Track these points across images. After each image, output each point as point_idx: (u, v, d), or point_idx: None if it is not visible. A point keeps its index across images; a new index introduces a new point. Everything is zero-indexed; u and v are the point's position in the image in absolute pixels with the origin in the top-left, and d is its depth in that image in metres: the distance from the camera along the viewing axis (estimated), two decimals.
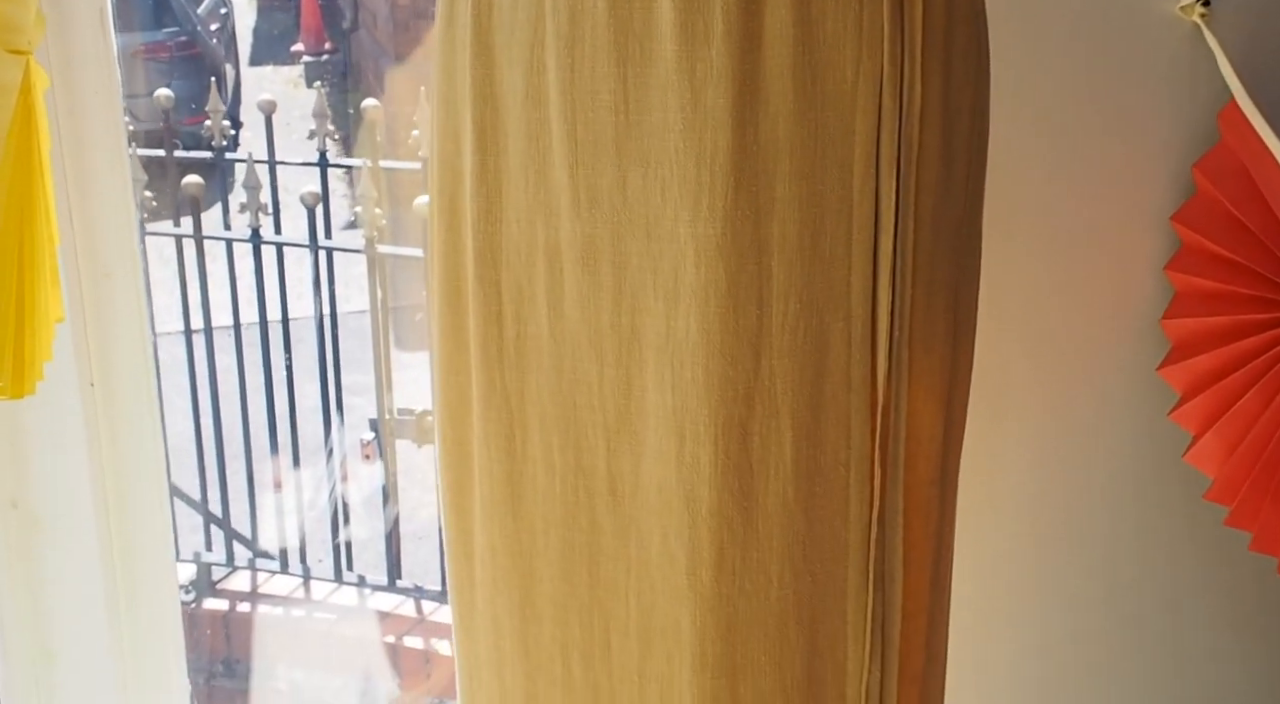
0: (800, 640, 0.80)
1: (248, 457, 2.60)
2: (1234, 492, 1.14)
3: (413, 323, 2.74)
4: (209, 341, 2.54)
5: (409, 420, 2.59)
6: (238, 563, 2.44)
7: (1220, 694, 1.32)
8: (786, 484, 0.77)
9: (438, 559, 2.57)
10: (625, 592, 0.82)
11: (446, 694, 2.21)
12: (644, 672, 0.82)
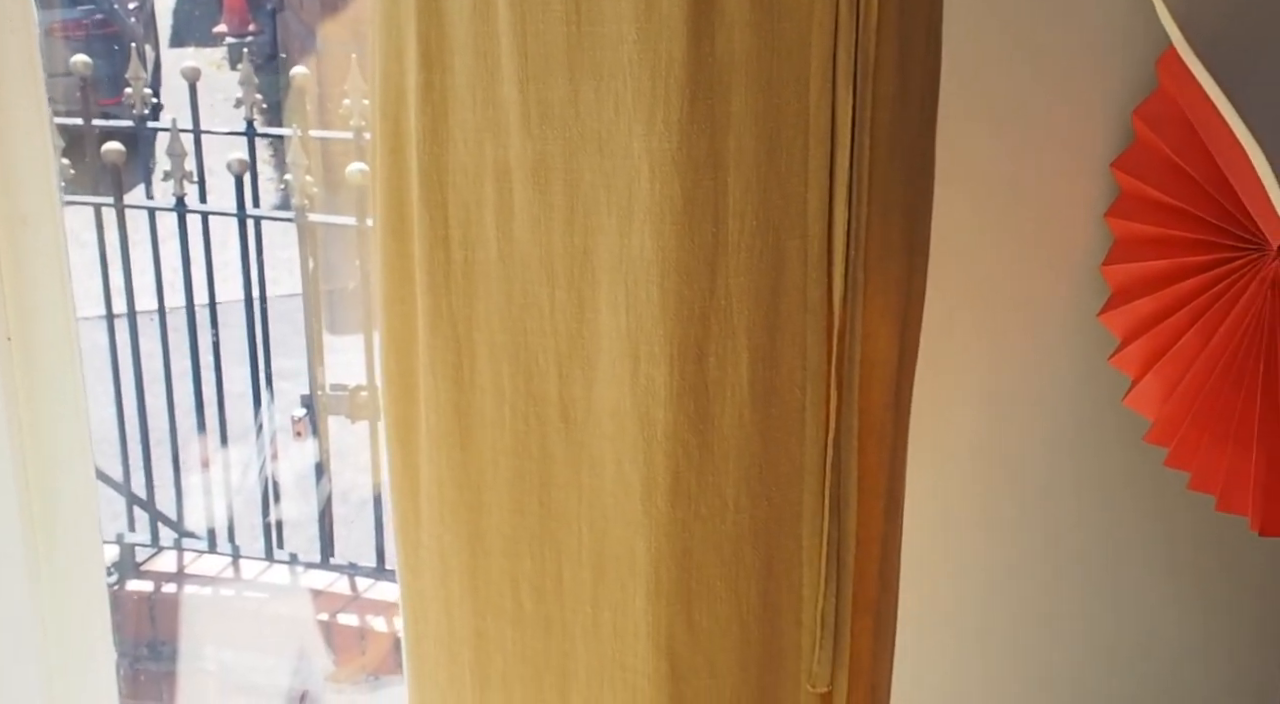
0: (756, 565, 0.79)
1: (172, 436, 2.54)
2: (1173, 433, 1.16)
3: (344, 305, 2.70)
4: (132, 320, 2.48)
5: (342, 396, 2.55)
6: (163, 543, 2.39)
7: (1156, 632, 1.34)
8: (743, 406, 0.76)
9: (372, 536, 2.54)
10: (578, 521, 0.80)
11: (382, 670, 2.18)
12: (597, 601, 0.80)
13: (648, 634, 0.79)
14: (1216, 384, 1.12)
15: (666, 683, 0.79)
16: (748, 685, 0.80)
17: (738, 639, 0.80)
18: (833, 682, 0.83)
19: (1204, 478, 1.15)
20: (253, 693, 2.23)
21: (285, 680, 2.22)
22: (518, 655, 0.84)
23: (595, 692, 0.81)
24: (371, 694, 2.16)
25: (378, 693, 2.16)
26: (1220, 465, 1.13)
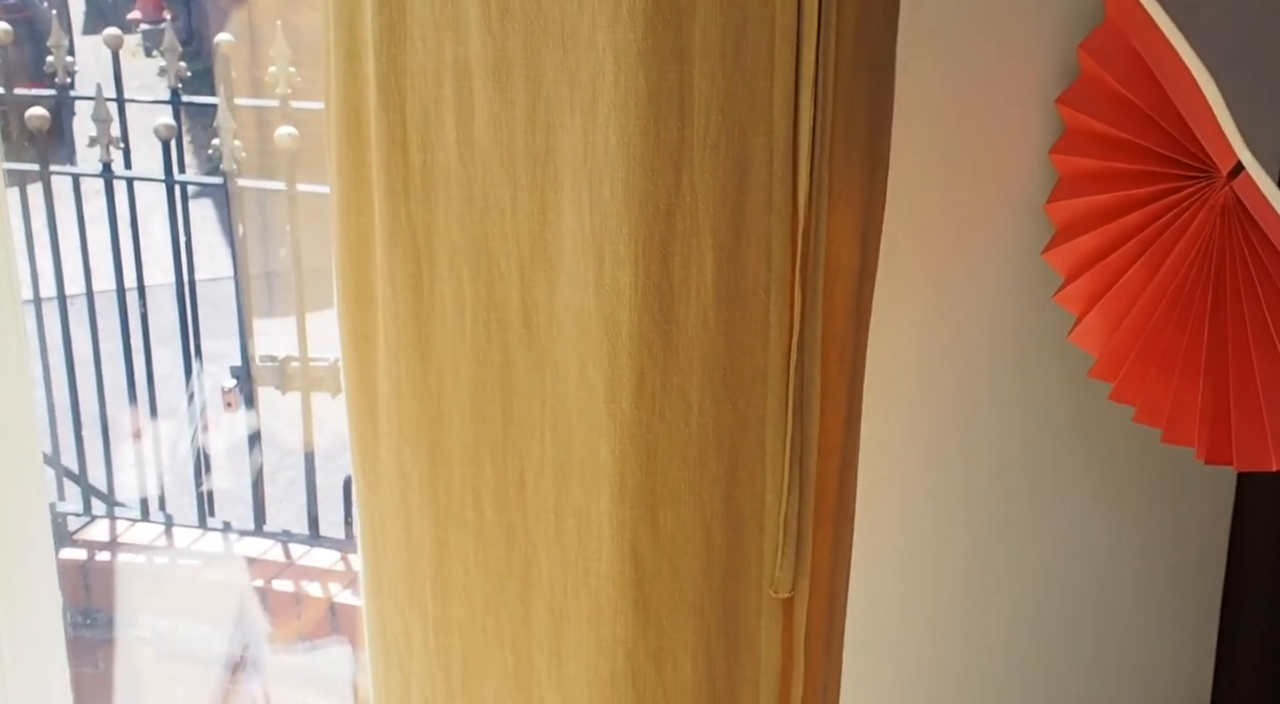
0: (720, 470, 0.79)
1: (101, 406, 2.50)
2: (1117, 367, 1.17)
3: (274, 286, 2.66)
4: (60, 291, 2.43)
5: (273, 367, 2.52)
6: (96, 513, 2.34)
7: (1103, 568, 1.36)
8: (707, 307, 0.76)
9: (304, 504, 2.51)
10: (541, 427, 0.80)
11: (318, 635, 2.15)
12: (560, 508, 0.80)
13: (612, 538, 0.78)
14: (1163, 317, 1.14)
15: (630, 587, 0.79)
16: (711, 590, 0.80)
17: (701, 543, 0.79)
18: (794, 588, 0.83)
19: (1149, 411, 1.17)
20: (188, 660, 2.19)
21: (221, 647, 2.19)
22: (479, 565, 0.83)
23: (559, 598, 0.81)
24: (308, 655, 2.14)
25: (314, 654, 2.14)
26: (1166, 398, 1.15)
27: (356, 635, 2.16)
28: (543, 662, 0.83)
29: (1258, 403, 1.08)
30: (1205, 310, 1.10)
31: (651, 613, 0.80)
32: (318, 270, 2.44)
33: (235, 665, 2.16)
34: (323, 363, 2.51)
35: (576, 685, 0.82)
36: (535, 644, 0.83)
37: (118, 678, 2.23)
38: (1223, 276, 1.09)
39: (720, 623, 0.81)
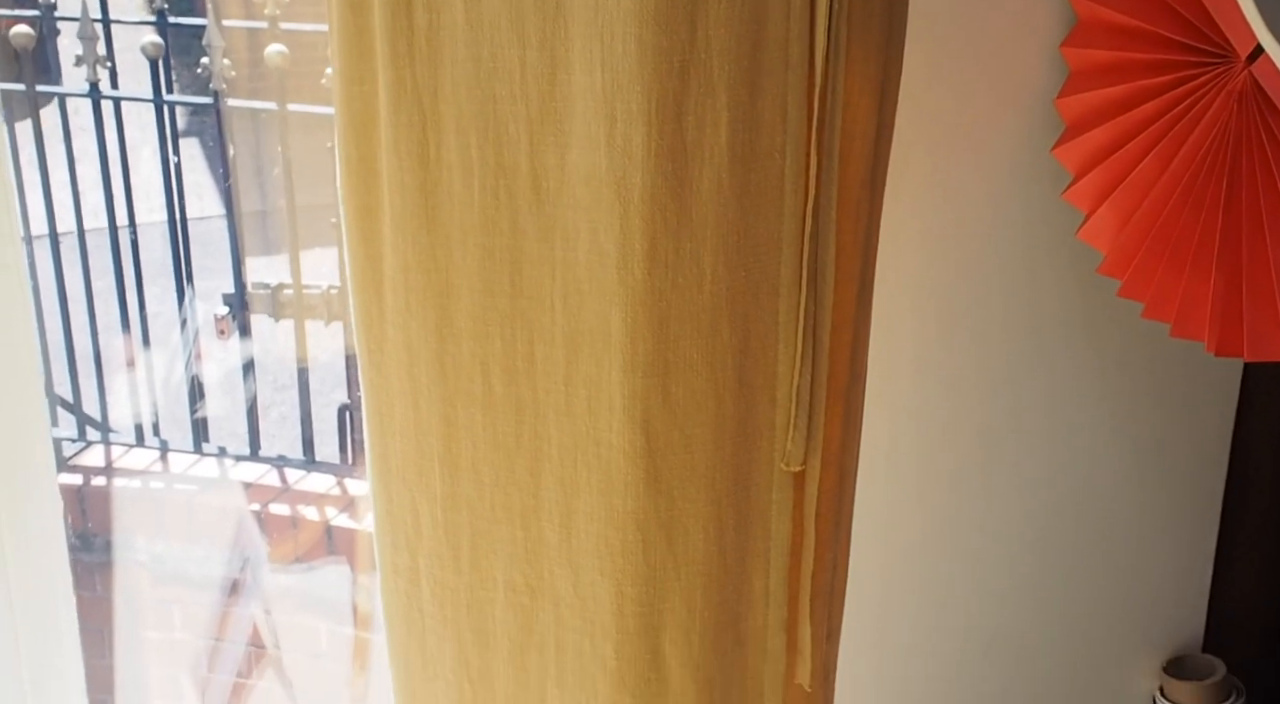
0: (732, 339, 0.78)
1: (93, 336, 2.48)
2: (1127, 263, 1.16)
3: (265, 224, 2.64)
4: (50, 217, 2.40)
5: (266, 294, 2.50)
6: (91, 438, 2.33)
7: (1105, 467, 1.36)
8: (721, 170, 0.75)
9: (299, 431, 2.50)
10: (550, 297, 0.78)
11: (314, 557, 2.15)
12: (570, 379, 0.79)
13: (623, 408, 0.77)
14: (1175, 209, 1.12)
15: (641, 458, 0.78)
16: (722, 462, 0.80)
17: (713, 414, 0.78)
18: (805, 462, 0.82)
19: (1159, 306, 1.16)
20: (186, 583, 2.19)
21: (218, 570, 2.19)
22: (488, 441, 0.82)
23: (569, 471, 0.80)
24: (306, 576, 2.14)
25: (312, 575, 2.14)
26: (1176, 291, 1.14)
27: (355, 556, 2.16)
28: (552, 536, 0.82)
29: (1271, 292, 1.07)
30: (1219, 200, 1.09)
31: (662, 484, 0.79)
32: (309, 207, 2.42)
33: (232, 588, 2.16)
34: (316, 290, 2.49)
35: (586, 558, 0.81)
36: (545, 518, 0.82)
37: (116, 601, 2.23)
38: (1238, 164, 1.08)
39: (731, 495, 0.81)
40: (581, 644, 0.83)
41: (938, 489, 1.31)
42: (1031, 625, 1.41)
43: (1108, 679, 1.47)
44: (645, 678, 0.82)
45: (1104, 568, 1.42)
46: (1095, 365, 1.32)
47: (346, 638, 2.24)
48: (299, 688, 2.16)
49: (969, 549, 1.35)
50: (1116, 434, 1.35)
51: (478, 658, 0.88)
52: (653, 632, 0.81)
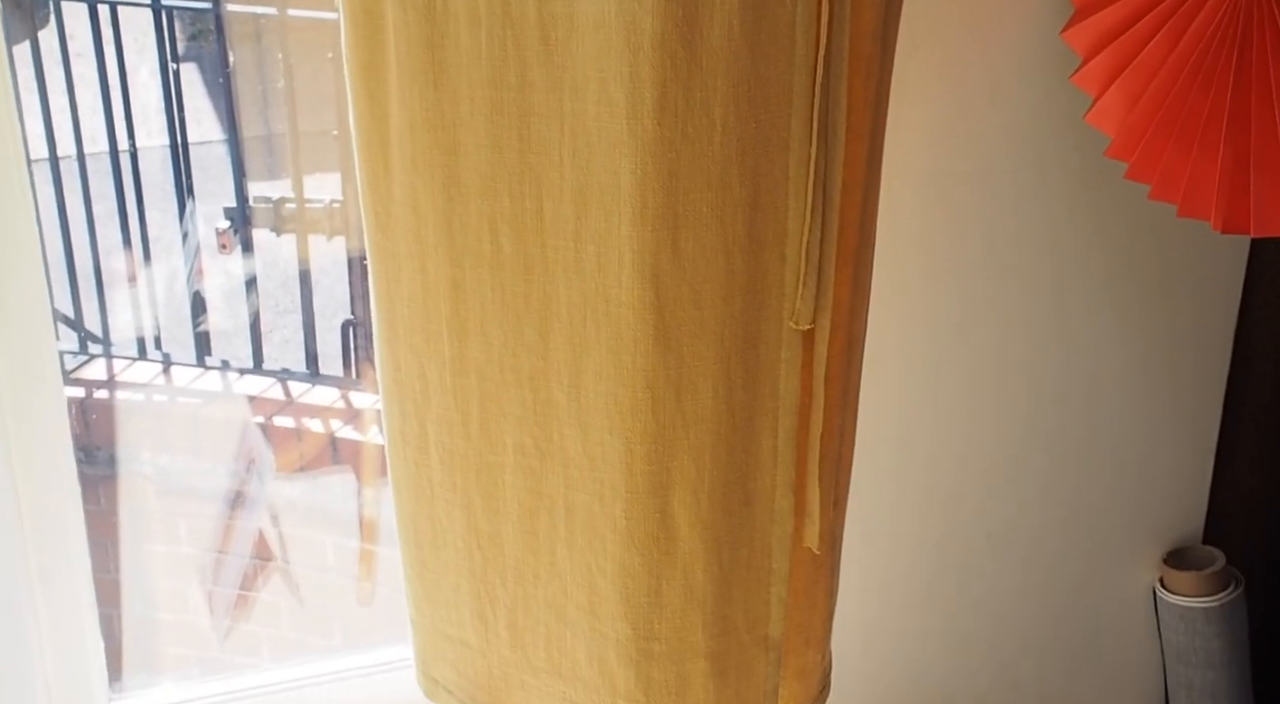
0: (742, 193, 0.77)
1: (94, 251, 2.47)
2: (1134, 144, 1.16)
3: (270, 148, 2.62)
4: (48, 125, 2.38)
5: (267, 208, 2.49)
6: (93, 352, 2.33)
7: (1109, 354, 1.36)
8: (732, 16, 0.74)
9: (302, 344, 2.50)
10: (559, 150, 0.78)
11: (319, 466, 2.16)
12: (580, 235, 0.78)
13: (632, 262, 0.77)
14: (1183, 88, 1.11)
15: (651, 313, 0.78)
16: (731, 318, 0.79)
17: (723, 269, 0.78)
18: (814, 321, 0.82)
19: (1166, 186, 1.15)
20: (191, 495, 2.20)
21: (223, 482, 2.19)
22: (497, 301, 0.82)
23: (578, 329, 0.80)
24: (311, 487, 2.15)
25: (317, 485, 2.15)
26: (1182, 172, 1.14)
27: (360, 467, 2.17)
28: (561, 396, 0.82)
29: (1279, 166, 1.07)
30: (1228, 77, 1.08)
31: (672, 341, 0.79)
32: (312, 134, 2.41)
33: (238, 499, 2.17)
34: (318, 205, 2.48)
35: (595, 417, 0.81)
36: (554, 378, 0.82)
37: (121, 515, 2.24)
38: (1249, 40, 1.07)
39: (740, 353, 0.81)
40: (591, 505, 0.83)
41: (944, 381, 1.31)
42: (1036, 517, 1.42)
43: (1110, 571, 1.48)
44: (654, 537, 0.82)
45: (1108, 461, 1.42)
46: (1101, 255, 1.32)
47: (353, 551, 2.26)
48: (306, 599, 2.18)
49: (974, 440, 1.35)
50: (1121, 325, 1.35)
51: (487, 523, 0.88)
52: (661, 491, 0.81)
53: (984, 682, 1.46)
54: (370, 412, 2.30)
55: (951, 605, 1.41)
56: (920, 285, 1.26)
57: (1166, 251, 1.34)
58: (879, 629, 1.38)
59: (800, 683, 0.95)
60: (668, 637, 0.84)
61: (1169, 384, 1.42)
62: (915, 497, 1.35)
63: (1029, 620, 1.46)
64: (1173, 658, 1.50)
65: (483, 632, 0.91)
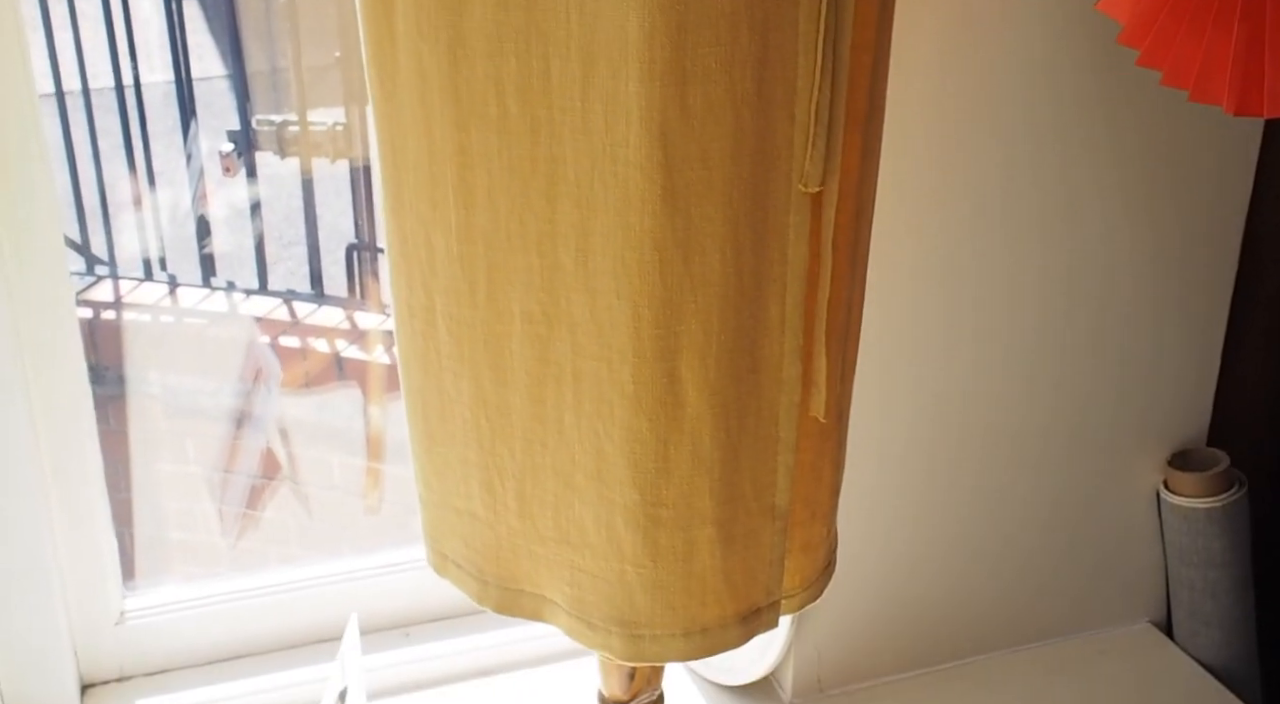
0: (752, 48, 0.77)
1: (99, 178, 2.47)
2: (1147, 30, 1.14)
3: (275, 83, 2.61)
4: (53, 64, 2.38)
5: (270, 130, 2.48)
6: (99, 273, 2.33)
7: (1118, 250, 1.36)
8: None
9: (306, 267, 2.51)
10: (565, 6, 0.77)
11: (324, 382, 2.17)
12: (587, 94, 0.78)
13: (640, 120, 0.76)
14: None
15: (659, 172, 0.77)
16: (740, 179, 0.79)
17: (731, 127, 0.78)
18: (824, 183, 0.82)
19: (1178, 72, 1.14)
20: (198, 415, 2.21)
21: (230, 401, 2.20)
22: (503, 166, 0.82)
23: (585, 191, 0.80)
24: (318, 404, 2.16)
25: (324, 402, 2.16)
26: (1195, 56, 1.13)
27: (366, 383, 2.18)
28: (569, 261, 0.82)
29: None
30: None
31: (680, 201, 0.78)
32: (315, 68, 2.39)
33: (245, 417, 2.18)
34: (321, 127, 2.47)
35: (603, 281, 0.81)
36: (561, 243, 0.82)
37: (131, 434, 2.25)
38: None
39: (749, 215, 0.80)
40: (599, 370, 0.83)
41: (950, 275, 1.31)
42: (1041, 418, 1.42)
43: (1115, 472, 1.49)
44: (662, 401, 0.82)
45: (1116, 362, 1.43)
46: (1111, 149, 1.31)
47: (359, 469, 2.27)
48: (314, 516, 2.19)
49: (979, 338, 1.35)
50: (1130, 221, 1.34)
51: (495, 393, 0.88)
52: (669, 355, 0.82)
53: (985, 580, 1.48)
54: (376, 332, 2.30)
55: (958, 502, 1.42)
56: (929, 179, 1.25)
57: (1176, 145, 1.34)
58: (885, 524, 1.39)
59: (806, 557, 0.96)
60: (675, 503, 0.85)
61: (1177, 283, 1.41)
62: (926, 393, 1.35)
63: (1034, 520, 1.47)
64: (1175, 559, 1.51)
65: (490, 503, 0.92)
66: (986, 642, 1.51)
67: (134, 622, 1.44)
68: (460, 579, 0.97)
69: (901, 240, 1.25)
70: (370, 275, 2.39)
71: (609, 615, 0.89)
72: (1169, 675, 1.50)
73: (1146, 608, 1.57)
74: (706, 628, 0.89)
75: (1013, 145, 1.27)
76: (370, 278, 2.40)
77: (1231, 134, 1.35)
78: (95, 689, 1.43)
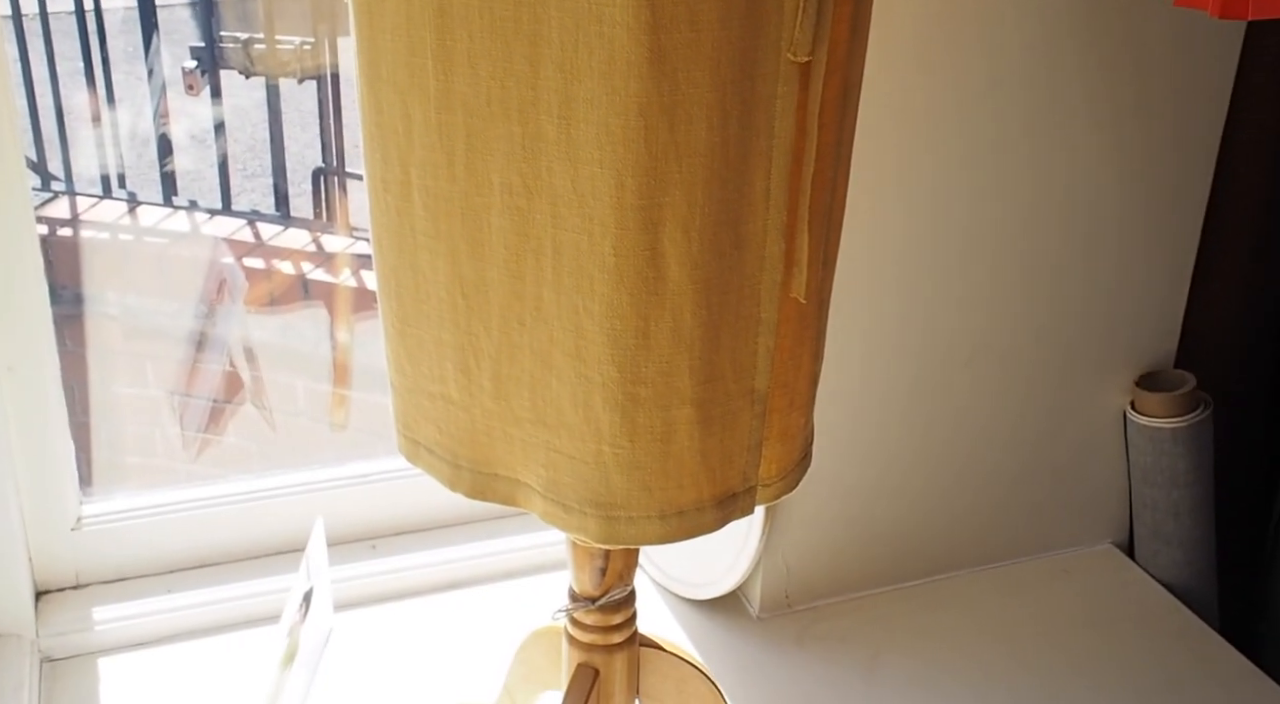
0: None
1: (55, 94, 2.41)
2: None
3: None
4: None
5: (236, 48, 2.43)
6: (56, 189, 2.28)
7: (1086, 179, 1.36)
8: None
9: (271, 198, 2.46)
10: None
11: (289, 302, 2.14)
12: None
13: None
14: None
15: (646, 33, 0.75)
16: (729, 43, 0.77)
17: None
18: (812, 52, 0.80)
19: None
20: (158, 336, 2.17)
21: (190, 323, 2.17)
22: (484, 28, 0.79)
23: (569, 54, 0.77)
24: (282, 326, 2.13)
25: (288, 323, 2.13)
26: None
27: (332, 304, 2.15)
28: (551, 128, 0.80)
29: None
30: None
31: (666, 65, 0.77)
32: None
33: (207, 339, 2.14)
34: (288, 45, 2.42)
35: (586, 150, 0.79)
36: (543, 109, 0.80)
37: (89, 356, 2.21)
38: None
39: (736, 82, 0.79)
40: (579, 243, 0.81)
41: (925, 193, 1.30)
42: (1011, 339, 1.42)
43: (1084, 393, 1.49)
44: (643, 275, 0.81)
45: (1086, 284, 1.43)
46: (1089, 68, 1.30)
47: (324, 394, 2.24)
48: (278, 436, 2.17)
49: (954, 256, 1.35)
50: (1103, 142, 1.34)
51: (472, 270, 0.86)
52: (652, 227, 0.80)
53: (952, 499, 1.48)
54: (344, 255, 2.27)
55: (926, 421, 1.42)
56: (912, 87, 1.24)
57: (1152, 63, 1.33)
58: (853, 441, 1.39)
59: (784, 445, 0.95)
60: (654, 380, 0.84)
61: (1150, 207, 1.42)
62: (894, 312, 1.35)
63: (1002, 440, 1.47)
64: (1139, 479, 1.52)
65: (465, 385, 0.90)
66: (952, 560, 1.52)
67: (91, 528, 1.42)
68: (432, 465, 0.96)
69: (870, 154, 1.24)
70: (339, 195, 2.36)
71: (585, 497, 0.87)
72: (1130, 594, 1.52)
73: (1109, 529, 1.58)
74: (683, 510, 0.88)
75: (996, 54, 1.26)
76: (339, 199, 2.37)
77: (1209, 52, 1.35)
78: (50, 596, 1.41)
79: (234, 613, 1.43)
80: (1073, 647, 1.43)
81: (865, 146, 1.20)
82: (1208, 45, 1.33)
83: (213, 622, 1.41)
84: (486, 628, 1.43)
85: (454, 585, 1.51)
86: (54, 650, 1.35)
